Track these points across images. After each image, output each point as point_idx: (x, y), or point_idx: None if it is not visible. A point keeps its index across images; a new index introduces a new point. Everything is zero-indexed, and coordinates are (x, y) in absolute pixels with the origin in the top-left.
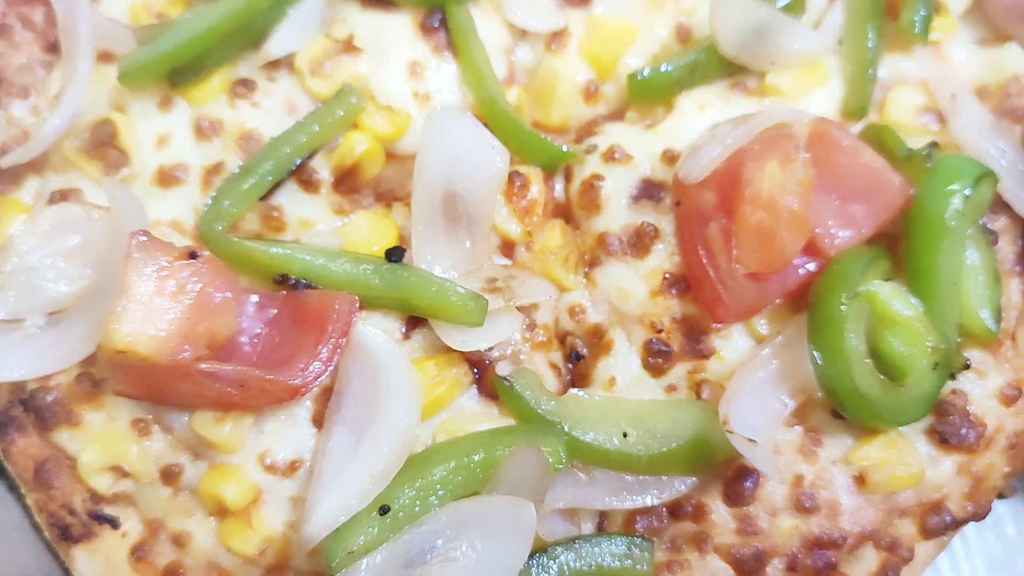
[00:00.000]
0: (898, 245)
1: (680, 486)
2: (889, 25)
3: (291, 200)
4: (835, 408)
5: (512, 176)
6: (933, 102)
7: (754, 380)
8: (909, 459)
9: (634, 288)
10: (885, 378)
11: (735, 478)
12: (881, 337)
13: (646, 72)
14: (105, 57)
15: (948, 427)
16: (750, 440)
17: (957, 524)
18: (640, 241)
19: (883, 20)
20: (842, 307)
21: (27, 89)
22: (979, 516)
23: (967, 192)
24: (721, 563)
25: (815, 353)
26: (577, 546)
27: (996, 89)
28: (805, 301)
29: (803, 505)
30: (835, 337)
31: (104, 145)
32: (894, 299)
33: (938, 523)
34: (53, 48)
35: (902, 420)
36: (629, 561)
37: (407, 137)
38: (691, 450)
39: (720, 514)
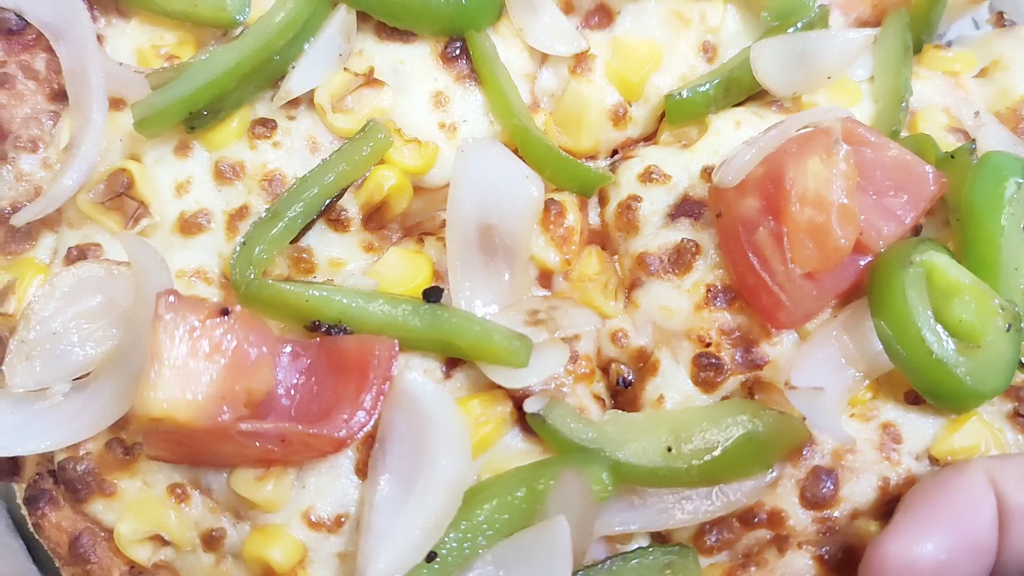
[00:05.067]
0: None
1: (739, 496)
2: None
3: (320, 240)
4: (912, 388)
5: (548, 204)
6: (956, 123)
7: (813, 357)
8: (997, 448)
9: (677, 304)
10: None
11: (812, 479)
12: (946, 309)
13: (684, 93)
14: (116, 103)
15: None
16: (816, 388)
17: None
18: (681, 258)
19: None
20: (903, 275)
21: (35, 142)
22: None
23: (1020, 179)
24: (805, 560)
25: (881, 324)
26: (611, 564)
27: (1008, 113)
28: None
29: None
30: (899, 304)
31: (120, 196)
32: (952, 267)
33: None
34: (59, 96)
35: (985, 388)
36: (669, 571)
37: (435, 169)
38: (742, 451)
39: (799, 519)
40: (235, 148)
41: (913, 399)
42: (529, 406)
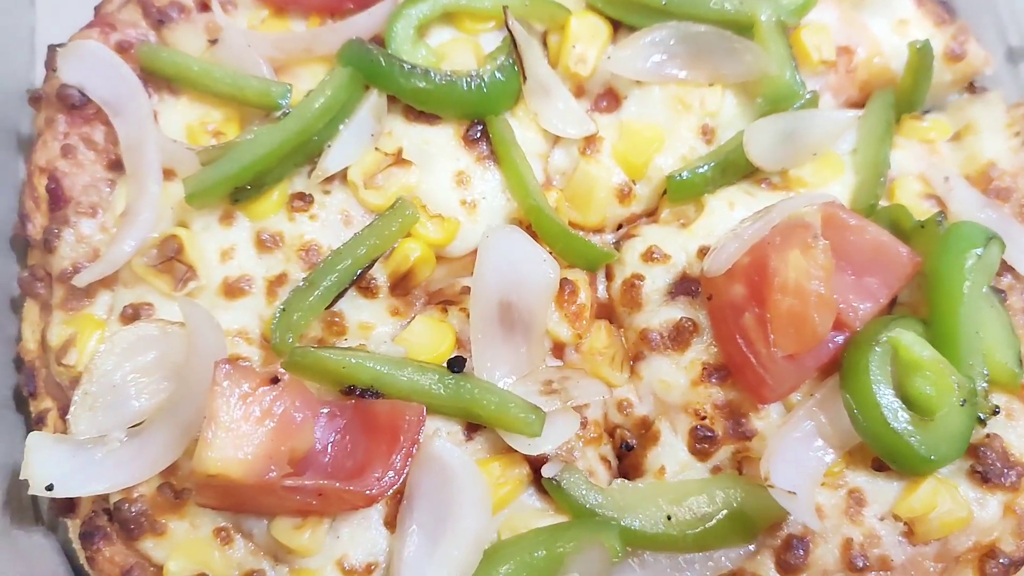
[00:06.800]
0: (920, 311)
1: (725, 561)
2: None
3: (351, 306)
4: (876, 458)
5: (562, 283)
6: (931, 189)
7: (791, 439)
8: (955, 503)
9: (676, 379)
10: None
11: (785, 547)
12: (909, 383)
13: (684, 174)
14: (167, 174)
15: (989, 467)
16: (789, 492)
17: (1015, 564)
18: (680, 335)
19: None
20: (869, 353)
21: (95, 208)
22: None
23: (979, 251)
24: None
25: (847, 397)
26: None
27: (978, 176)
28: (836, 371)
29: (855, 565)
30: (863, 379)
31: (171, 260)
32: (915, 344)
33: (996, 567)
34: (115, 165)
35: (938, 456)
36: None
37: (456, 242)
38: (731, 523)
39: None
40: (275, 219)
41: (878, 466)
42: (546, 471)
